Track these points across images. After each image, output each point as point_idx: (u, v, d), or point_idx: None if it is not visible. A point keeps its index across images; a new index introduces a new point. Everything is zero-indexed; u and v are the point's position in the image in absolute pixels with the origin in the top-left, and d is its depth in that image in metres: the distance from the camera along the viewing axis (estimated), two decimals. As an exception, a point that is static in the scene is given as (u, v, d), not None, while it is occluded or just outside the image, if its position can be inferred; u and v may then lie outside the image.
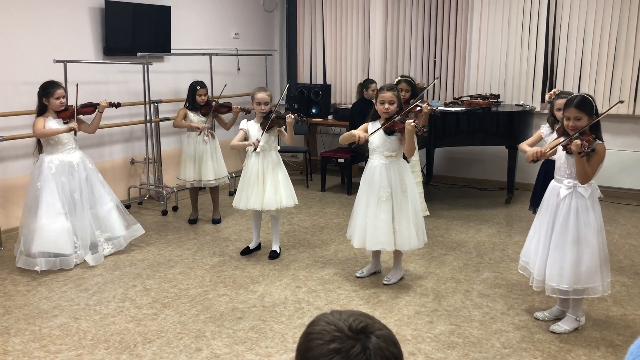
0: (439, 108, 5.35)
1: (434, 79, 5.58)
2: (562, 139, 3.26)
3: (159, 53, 6.31)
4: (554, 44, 6.59)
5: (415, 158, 5.02)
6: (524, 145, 4.01)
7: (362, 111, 6.24)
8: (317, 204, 6.25)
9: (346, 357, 1.04)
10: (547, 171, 4.07)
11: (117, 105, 4.77)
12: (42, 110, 4.38)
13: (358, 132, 3.89)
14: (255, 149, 4.37)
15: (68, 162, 4.41)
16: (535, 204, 4.34)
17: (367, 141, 3.95)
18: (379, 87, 4.09)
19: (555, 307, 3.54)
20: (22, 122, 5.03)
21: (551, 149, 3.34)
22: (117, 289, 3.99)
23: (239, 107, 5.43)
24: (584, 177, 3.13)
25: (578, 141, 3.03)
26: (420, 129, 3.71)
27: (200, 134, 5.35)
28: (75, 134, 4.41)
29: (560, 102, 3.95)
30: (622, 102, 3.44)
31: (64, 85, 4.63)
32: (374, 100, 6.45)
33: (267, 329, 3.40)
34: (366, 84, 6.43)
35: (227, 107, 5.50)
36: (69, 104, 4.57)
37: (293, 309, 3.67)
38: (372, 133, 3.88)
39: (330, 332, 1.07)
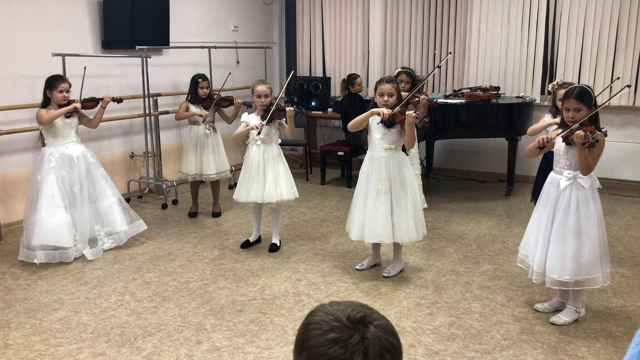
0: (438, 100, 5.34)
1: (447, 54, 5.52)
2: (560, 130, 3.25)
3: (157, 46, 6.29)
4: (553, 35, 6.57)
5: (414, 150, 5.02)
6: (542, 122, 4.03)
7: (353, 106, 6.26)
8: (317, 197, 6.25)
9: (344, 347, 1.04)
10: (548, 162, 4.07)
11: (120, 100, 4.78)
12: (45, 102, 4.40)
13: (380, 109, 3.78)
14: (259, 133, 4.33)
15: (68, 156, 4.40)
16: (537, 195, 4.34)
17: (367, 133, 3.95)
18: (377, 79, 4.08)
19: (555, 299, 3.54)
20: (21, 116, 5.03)
21: (557, 135, 3.32)
22: (117, 283, 3.99)
23: (240, 101, 5.42)
24: (587, 167, 3.13)
25: (581, 132, 3.02)
26: (422, 119, 3.70)
27: (204, 121, 5.34)
28: (77, 113, 4.41)
29: (563, 92, 3.94)
30: (629, 86, 3.39)
31: (69, 80, 4.62)
32: (361, 94, 6.50)
33: (267, 322, 3.40)
34: (351, 79, 6.50)
35: (229, 101, 5.48)
36: (74, 96, 4.57)
37: (293, 301, 3.68)
38: (398, 106, 3.78)
39: (329, 322, 1.08)
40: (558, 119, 3.82)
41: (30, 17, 5.19)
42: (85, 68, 4.50)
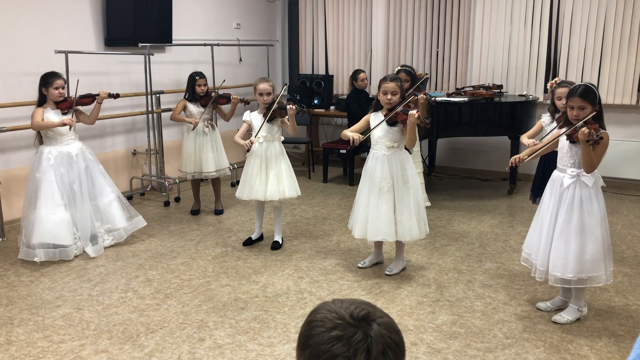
0: (435, 98, 5.35)
1: (425, 75, 5.62)
2: (564, 128, 3.25)
3: (160, 44, 6.29)
4: (557, 33, 6.56)
5: (417, 148, 5.01)
6: (523, 139, 4.04)
7: (359, 102, 6.26)
8: (319, 195, 6.25)
9: (347, 345, 1.04)
10: (547, 161, 4.07)
11: (116, 96, 4.76)
12: (41, 100, 4.39)
13: (352, 134, 3.88)
14: (248, 150, 4.35)
15: (67, 153, 4.40)
16: (536, 194, 4.34)
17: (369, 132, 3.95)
18: (381, 77, 4.09)
19: (557, 298, 3.54)
20: (24, 113, 5.02)
21: (529, 155, 3.40)
22: (120, 280, 4.00)
23: (237, 97, 5.41)
24: (590, 165, 3.12)
25: (586, 129, 3.02)
26: (423, 120, 3.70)
27: (193, 129, 5.35)
28: (70, 129, 4.38)
29: (561, 91, 3.94)
30: (594, 117, 3.31)
31: (64, 76, 4.62)
32: (365, 90, 6.51)
33: (269, 319, 3.40)
34: (355, 74, 6.50)
35: (226, 98, 5.46)
36: (69, 95, 4.57)
37: (295, 299, 3.68)
38: (368, 132, 3.89)
39: (332, 320, 1.07)
40: (529, 140, 3.86)
41: (33, 14, 5.19)
42: (78, 81, 4.47)
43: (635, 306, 3.57)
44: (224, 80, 5.95)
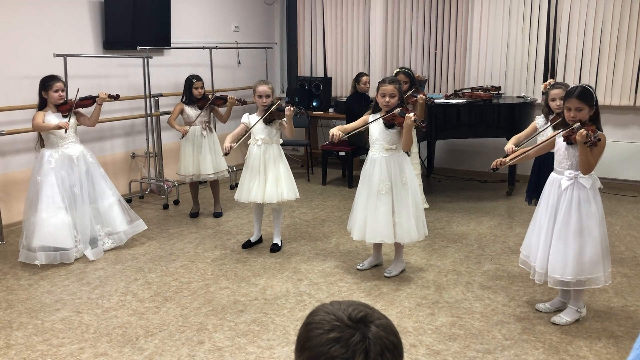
0: (434, 100, 5.37)
1: (424, 77, 5.64)
2: (560, 130, 3.25)
3: (159, 47, 6.29)
4: (554, 35, 6.57)
5: (415, 150, 5.02)
6: (508, 144, 3.99)
7: (359, 103, 6.27)
8: (318, 197, 6.25)
9: (346, 346, 1.04)
10: (542, 163, 4.09)
11: (116, 97, 4.75)
12: (42, 104, 4.39)
13: (333, 130, 3.90)
14: (225, 154, 4.38)
15: (68, 156, 4.40)
16: (531, 196, 4.36)
17: (367, 133, 3.96)
18: (379, 79, 4.10)
19: (556, 299, 3.54)
20: (23, 117, 5.03)
21: (511, 159, 3.42)
22: (119, 283, 4.00)
23: (234, 97, 5.41)
24: (587, 167, 3.13)
25: (584, 131, 3.03)
26: (419, 124, 3.71)
27: (182, 138, 5.36)
28: (65, 132, 4.36)
29: (555, 92, 3.95)
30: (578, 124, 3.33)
31: (63, 79, 4.63)
32: (367, 93, 6.53)
33: (268, 322, 3.41)
34: (358, 77, 6.51)
35: (223, 99, 5.46)
36: (69, 98, 4.58)
37: (294, 301, 3.68)
38: (352, 132, 3.92)
39: (330, 322, 1.08)
40: (509, 147, 3.86)
41: (31, 18, 5.20)
42: (78, 90, 4.47)
43: (634, 307, 3.58)
44: (217, 91, 5.99)
